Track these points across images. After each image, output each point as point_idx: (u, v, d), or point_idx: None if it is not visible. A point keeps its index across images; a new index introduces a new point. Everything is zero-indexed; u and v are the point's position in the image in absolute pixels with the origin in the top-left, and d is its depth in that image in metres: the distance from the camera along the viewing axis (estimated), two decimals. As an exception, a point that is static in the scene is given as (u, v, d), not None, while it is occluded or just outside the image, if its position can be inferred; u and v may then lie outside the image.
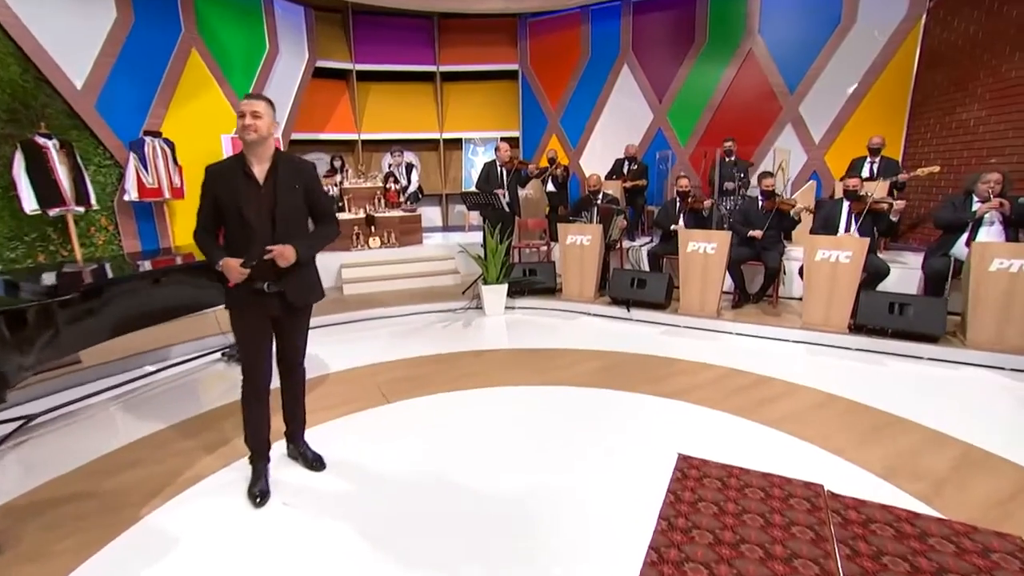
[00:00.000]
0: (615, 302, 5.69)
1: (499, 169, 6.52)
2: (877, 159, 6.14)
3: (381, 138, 8.92)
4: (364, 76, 8.87)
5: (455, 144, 9.38)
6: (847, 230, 5.16)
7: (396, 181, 7.49)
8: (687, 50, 7.83)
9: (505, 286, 5.83)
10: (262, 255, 2.32)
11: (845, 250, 4.56)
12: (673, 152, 8.02)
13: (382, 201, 7.33)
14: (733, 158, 7.06)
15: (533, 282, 6.12)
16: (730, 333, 5.08)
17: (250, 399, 2.52)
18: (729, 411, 3.38)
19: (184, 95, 6.30)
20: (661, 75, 8.05)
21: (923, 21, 6.50)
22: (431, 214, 9.41)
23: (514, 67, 9.04)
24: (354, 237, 6.88)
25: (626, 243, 6.93)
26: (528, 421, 3.30)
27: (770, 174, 5.52)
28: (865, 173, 6.18)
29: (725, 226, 6.44)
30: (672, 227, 5.91)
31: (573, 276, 5.91)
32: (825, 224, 5.28)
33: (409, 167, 7.94)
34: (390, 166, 7.90)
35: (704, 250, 5.13)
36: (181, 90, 6.27)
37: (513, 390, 3.80)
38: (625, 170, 7.45)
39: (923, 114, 6.47)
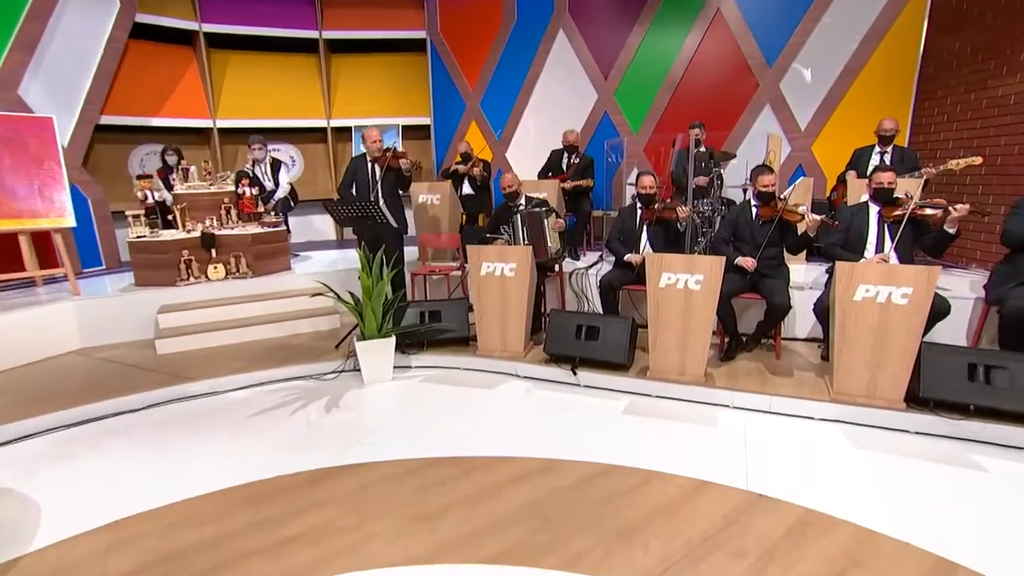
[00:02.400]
0: (554, 360, 3.91)
1: (369, 166, 4.64)
2: (889, 149, 4.68)
3: (248, 126, 6.76)
4: (219, 41, 6.67)
5: (348, 134, 7.33)
6: (879, 248, 3.62)
7: (253, 184, 5.40)
8: (638, 12, 6.17)
9: (392, 340, 3.93)
10: None
11: (902, 284, 2.96)
12: (624, 141, 6.35)
13: (232, 212, 5.23)
14: (703, 148, 5.46)
15: (435, 331, 4.24)
16: (725, 407, 3.42)
17: None
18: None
19: None
20: (606, 44, 6.35)
21: (931, -28, 5.13)
22: (322, 225, 7.31)
23: (420, 35, 7.10)
24: (182, 266, 4.75)
25: (567, 263, 5.18)
26: None
27: (768, 169, 3.89)
28: (875, 166, 4.70)
29: (702, 240, 4.79)
30: (627, 258, 4.19)
31: (492, 321, 4.08)
32: (847, 239, 3.72)
33: (276, 165, 5.85)
34: (253, 163, 5.78)
35: (685, 284, 3.42)
36: None
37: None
38: (565, 165, 5.70)
39: (936, 91, 5.08)
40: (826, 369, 3.68)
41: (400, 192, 4.89)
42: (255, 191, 5.38)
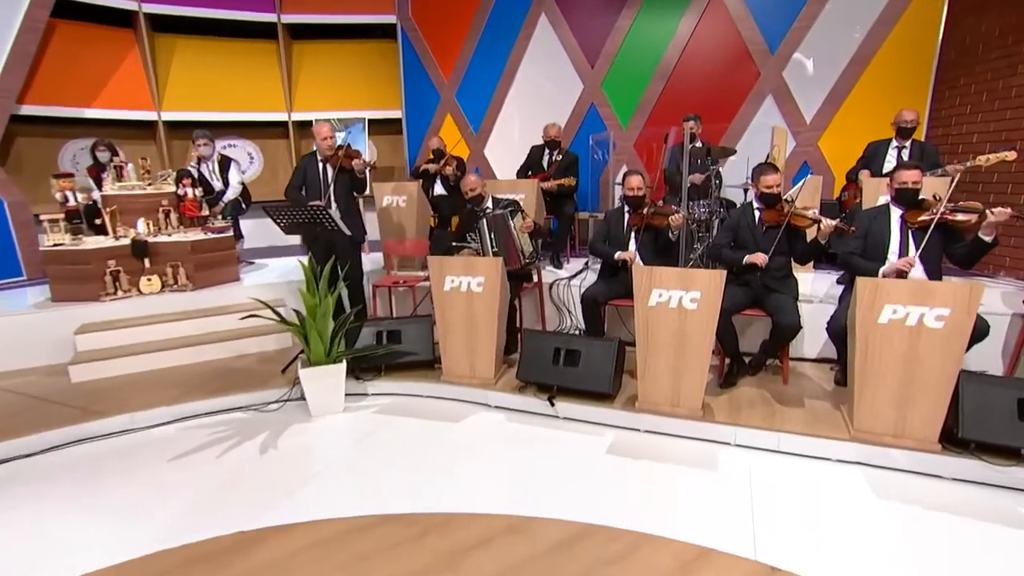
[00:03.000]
0: (529, 388, 3.47)
1: (320, 166, 4.21)
2: (908, 143, 4.28)
3: (199, 119, 6.26)
4: (164, 24, 6.16)
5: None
6: (901, 255, 3.21)
7: (198, 184, 4.91)
8: (627, -6, 5.76)
9: (342, 366, 3.47)
10: None
11: (936, 305, 2.55)
12: (612, 136, 5.92)
13: (171, 217, 4.74)
14: (699, 143, 5.04)
15: (394, 354, 3.78)
16: (726, 445, 3.00)
17: None
18: None
19: None
20: (592, 29, 5.92)
21: (951, -52, 4.74)
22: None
23: (390, 19, 6.63)
24: (107, 279, 4.26)
25: (548, 272, 4.74)
26: None
27: (772, 167, 3.48)
28: (891, 163, 4.30)
29: (698, 248, 4.37)
30: (617, 256, 3.77)
31: (458, 343, 3.64)
32: (865, 248, 3.31)
33: (226, 162, 5.37)
34: (199, 161, 5.28)
35: (679, 302, 2.99)
36: None
37: None
38: (546, 162, 5.25)
39: (958, 79, 4.69)
40: (842, 396, 3.27)
41: (356, 195, 4.44)
42: (199, 192, 4.90)
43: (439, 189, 5.63)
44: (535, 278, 4.25)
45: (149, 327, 4.17)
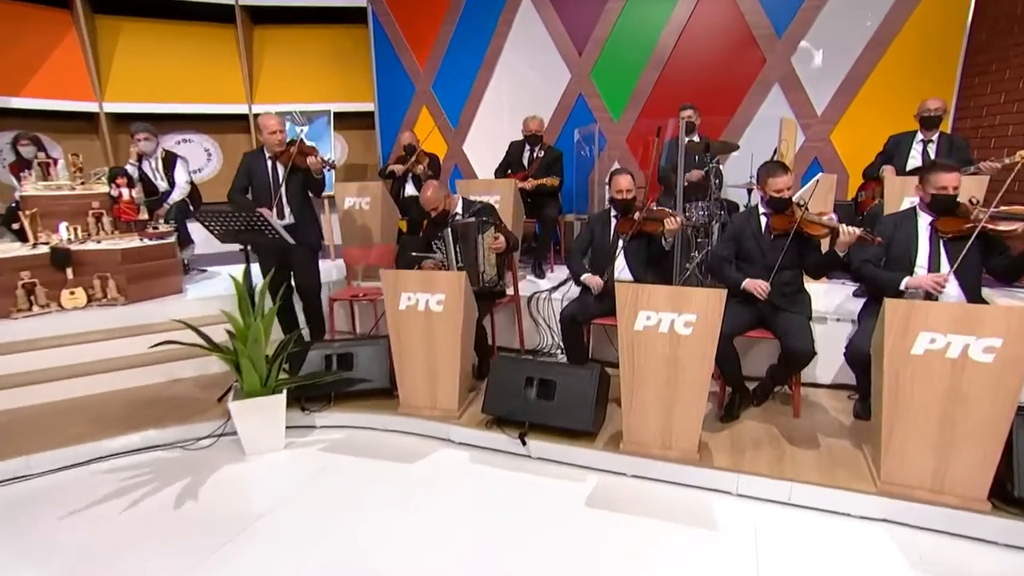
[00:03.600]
0: (498, 423, 3.04)
1: (269, 164, 3.80)
2: (935, 136, 3.87)
3: (149, 111, 5.82)
4: (106, 5, 5.72)
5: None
6: (931, 270, 2.81)
7: (134, 183, 4.48)
8: (619, -27, 5.34)
9: (281, 398, 3.05)
10: None
11: (985, 334, 2.13)
12: (601, 131, 5.50)
13: (104, 221, 4.31)
14: (697, 137, 4.64)
15: (345, 381, 3.36)
16: (727, 495, 2.60)
17: None
18: None
19: None
20: (581, 13, 5.51)
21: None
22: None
23: (360, 2, 6.20)
24: (20, 292, 3.82)
25: (528, 283, 4.33)
26: None
27: (781, 167, 3.06)
28: (916, 159, 3.90)
29: (696, 257, 3.96)
30: (584, 279, 3.35)
31: (416, 370, 3.21)
32: (887, 259, 2.91)
33: (171, 159, 4.93)
34: (140, 158, 4.84)
35: (671, 326, 2.57)
36: None
37: None
38: (526, 159, 4.83)
39: (990, 64, 4.28)
40: (863, 433, 2.87)
41: (312, 197, 4.02)
42: (136, 193, 4.47)
43: (411, 190, 5.21)
44: (508, 293, 3.80)
45: (67, 349, 3.74)
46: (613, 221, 3.48)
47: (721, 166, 4.63)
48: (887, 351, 2.29)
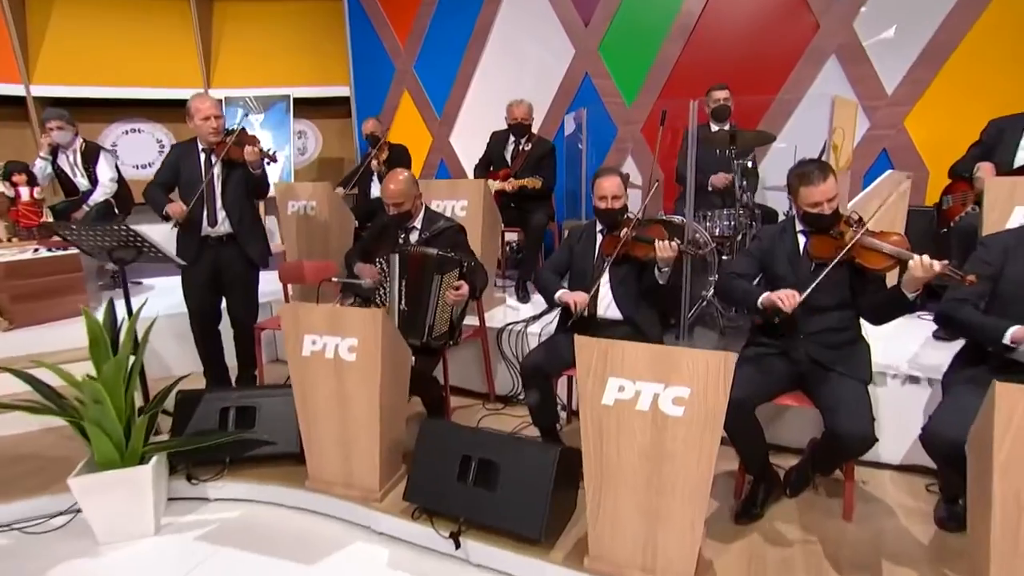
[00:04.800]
0: (428, 513, 2.37)
1: (202, 157, 3.23)
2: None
3: (88, 95, 5.37)
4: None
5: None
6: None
7: (34, 181, 4.01)
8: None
9: (146, 470, 2.46)
10: None
11: None
12: (611, 116, 4.77)
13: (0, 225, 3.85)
14: (727, 125, 3.89)
15: (243, 443, 2.74)
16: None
17: None
18: None
19: None
20: (587, -25, 4.78)
21: None
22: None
23: (332, -31, 5.63)
24: None
25: (508, 309, 3.64)
26: None
27: (820, 170, 2.29)
28: (1024, 155, 3.04)
29: (706, 295, 3.22)
30: (559, 297, 2.66)
31: (325, 437, 2.58)
32: (996, 297, 2.13)
33: (93, 153, 4.44)
34: (56, 150, 4.38)
35: (653, 403, 1.85)
36: None
37: None
38: (510, 153, 4.15)
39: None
40: (951, 551, 2.08)
41: (255, 200, 3.45)
42: (37, 193, 4.00)
43: (376, 190, 4.60)
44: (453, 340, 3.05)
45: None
46: (599, 238, 2.77)
47: (753, 163, 3.87)
48: (999, 463, 1.52)
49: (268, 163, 3.23)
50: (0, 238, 3.86)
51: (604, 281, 2.70)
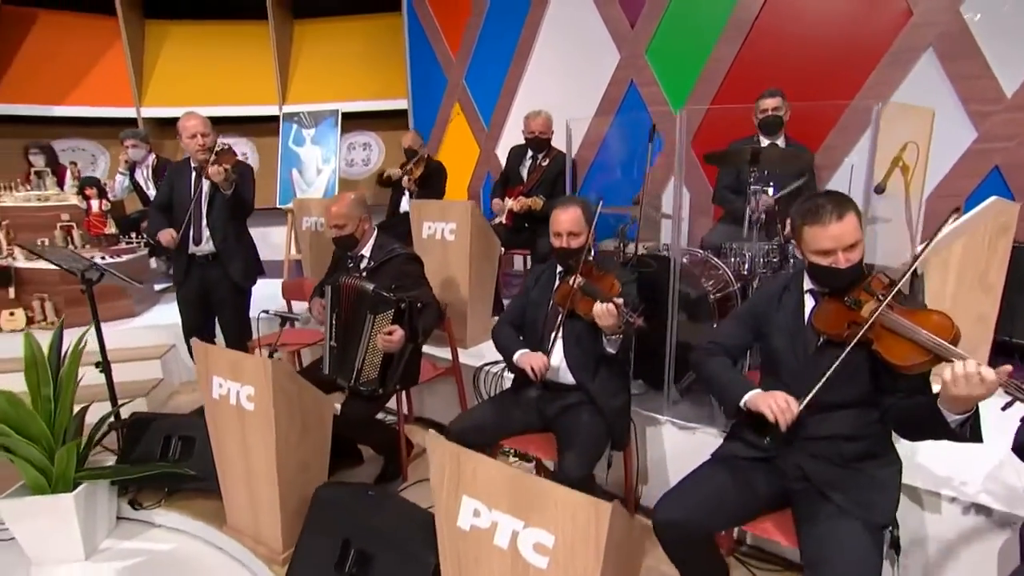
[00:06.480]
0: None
1: (193, 177, 3.01)
2: None
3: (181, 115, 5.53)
4: (158, 9, 5.54)
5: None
6: None
7: (103, 195, 4.07)
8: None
9: (67, 499, 2.23)
10: None
11: None
12: (654, 125, 3.95)
13: (74, 234, 3.95)
14: (781, 140, 3.02)
15: (168, 476, 2.43)
16: None
17: None
18: None
19: None
20: (636, -30, 3.98)
21: None
22: (272, 239, 5.78)
23: (393, -14, 5.30)
24: (-44, 312, 3.56)
25: (472, 352, 3.05)
26: None
27: (832, 205, 1.46)
28: None
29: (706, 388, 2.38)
30: (516, 359, 2.02)
31: (236, 483, 2.19)
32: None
33: (163, 167, 4.47)
34: (132, 167, 4.48)
35: (512, 541, 1.22)
36: None
37: None
38: (525, 170, 3.52)
39: None
40: None
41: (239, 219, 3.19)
42: (105, 205, 4.06)
43: (405, 205, 4.20)
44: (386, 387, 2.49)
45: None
46: (558, 281, 2.10)
47: (813, 186, 2.93)
48: None
49: (237, 182, 2.91)
50: (76, 245, 3.97)
51: (557, 337, 2.04)
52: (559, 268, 2.10)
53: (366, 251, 2.51)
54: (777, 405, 1.43)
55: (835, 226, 1.41)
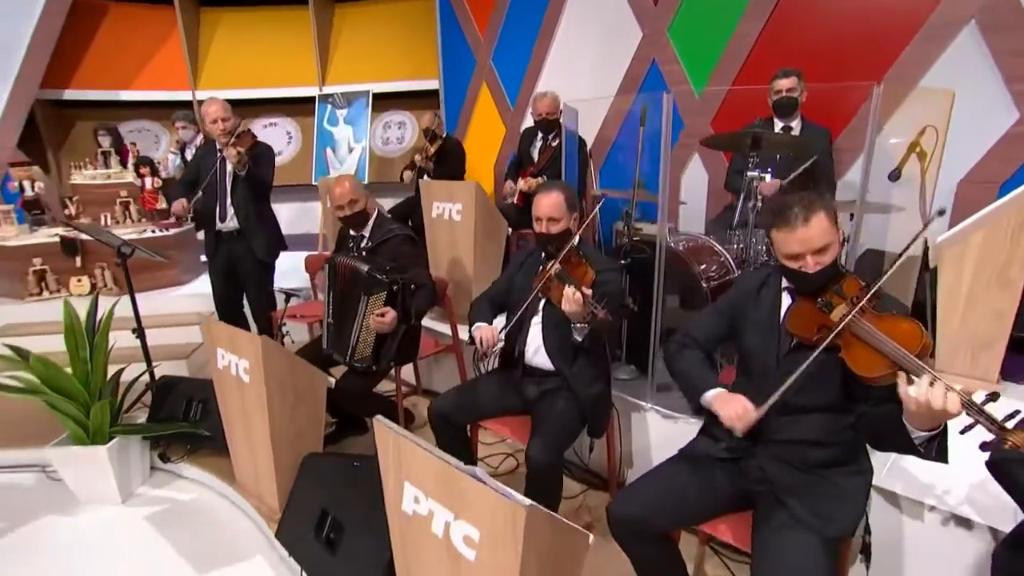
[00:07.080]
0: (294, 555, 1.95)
1: (219, 159, 3.08)
2: None
3: (234, 97, 5.64)
4: (211, -1, 5.67)
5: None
6: None
7: (155, 173, 4.23)
8: None
9: (100, 451, 2.39)
10: None
11: None
12: (678, 107, 3.70)
13: (131, 210, 4.15)
14: (795, 122, 2.79)
15: (186, 434, 2.55)
16: None
17: None
18: None
19: None
20: (661, -57, 3.69)
21: None
22: (304, 217, 5.86)
23: (424, -34, 5.15)
24: (31, 278, 3.79)
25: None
26: None
27: (800, 206, 1.32)
28: None
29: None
30: (474, 332, 1.97)
31: (239, 445, 2.28)
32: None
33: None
34: (182, 147, 4.63)
35: (445, 531, 1.19)
36: None
37: None
38: (536, 151, 3.39)
39: None
40: None
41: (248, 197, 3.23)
42: (157, 183, 4.22)
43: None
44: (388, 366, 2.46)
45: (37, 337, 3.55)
46: (541, 267, 2.01)
47: (829, 172, 2.68)
48: None
49: (249, 165, 2.94)
50: (132, 219, 4.17)
51: (536, 321, 1.97)
52: (543, 253, 2.02)
53: (366, 231, 2.49)
54: (734, 412, 1.33)
55: (802, 230, 1.27)
